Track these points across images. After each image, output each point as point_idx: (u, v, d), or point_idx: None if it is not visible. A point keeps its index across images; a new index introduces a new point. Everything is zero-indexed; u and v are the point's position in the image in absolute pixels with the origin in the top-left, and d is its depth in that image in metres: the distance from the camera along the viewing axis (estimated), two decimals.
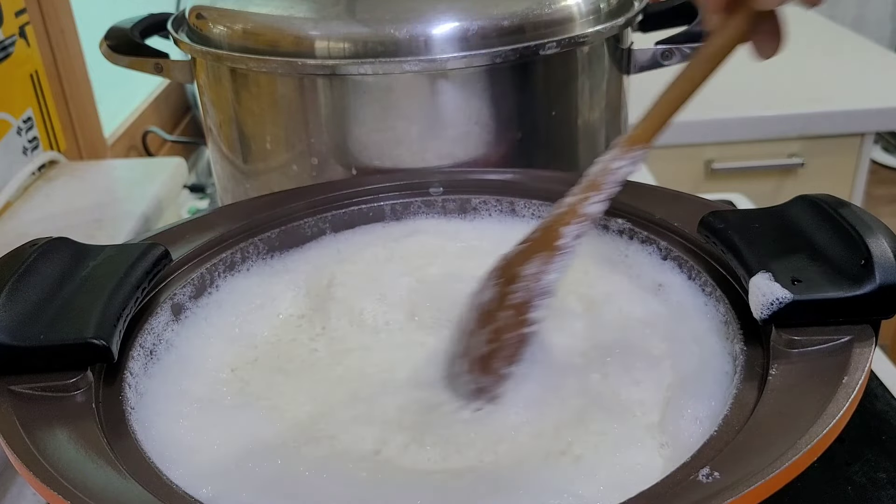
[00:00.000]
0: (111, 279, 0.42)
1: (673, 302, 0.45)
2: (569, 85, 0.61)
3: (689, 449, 0.33)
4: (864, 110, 1.33)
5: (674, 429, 0.37)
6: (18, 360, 0.37)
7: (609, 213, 0.51)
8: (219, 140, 0.65)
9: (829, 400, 0.33)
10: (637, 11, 0.63)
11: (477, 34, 0.55)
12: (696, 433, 0.36)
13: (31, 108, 0.84)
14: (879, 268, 0.36)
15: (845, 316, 0.36)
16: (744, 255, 0.40)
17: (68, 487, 0.31)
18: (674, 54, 0.64)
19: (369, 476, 0.36)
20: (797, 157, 1.35)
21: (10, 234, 0.73)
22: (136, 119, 1.16)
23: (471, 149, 0.59)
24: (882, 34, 2.93)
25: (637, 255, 0.49)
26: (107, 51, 0.68)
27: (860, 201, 1.39)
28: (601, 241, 0.51)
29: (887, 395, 0.57)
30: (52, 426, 0.35)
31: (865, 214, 0.40)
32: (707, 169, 1.34)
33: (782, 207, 0.43)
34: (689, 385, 0.39)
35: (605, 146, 0.66)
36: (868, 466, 0.50)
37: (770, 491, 0.30)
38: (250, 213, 0.53)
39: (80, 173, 0.86)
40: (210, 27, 0.60)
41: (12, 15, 0.82)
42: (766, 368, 0.36)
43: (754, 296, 0.38)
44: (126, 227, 0.75)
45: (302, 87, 0.58)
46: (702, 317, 0.44)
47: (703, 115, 1.31)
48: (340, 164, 0.59)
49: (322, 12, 0.57)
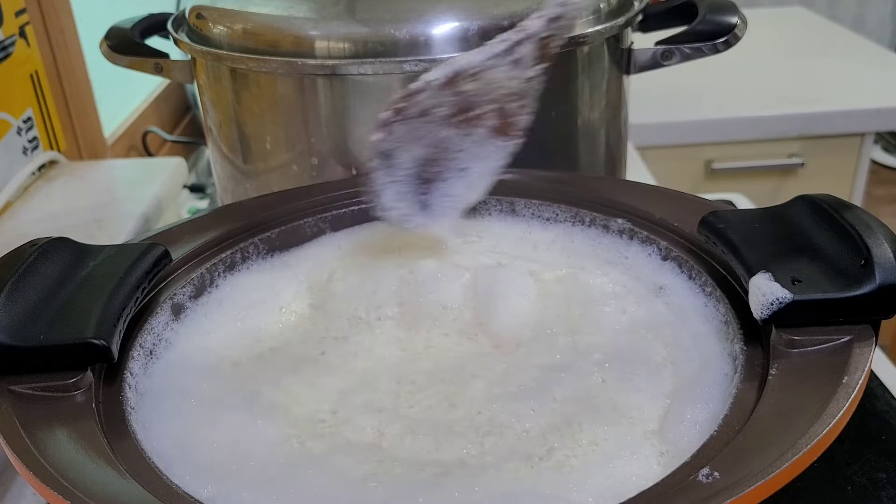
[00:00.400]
0: (111, 279, 0.42)
1: (674, 304, 0.45)
2: (569, 85, 0.61)
3: (688, 451, 0.33)
4: (864, 110, 1.34)
5: (673, 435, 0.36)
6: (18, 360, 0.37)
7: (609, 213, 0.51)
8: (219, 140, 0.65)
9: (829, 400, 0.33)
10: (637, 11, 0.63)
11: (477, 34, 0.55)
12: (695, 437, 0.36)
13: (31, 108, 0.84)
14: (879, 268, 0.36)
15: (845, 316, 0.36)
16: (744, 255, 0.40)
17: (68, 487, 0.31)
18: (674, 54, 0.64)
19: (371, 470, 0.36)
20: (797, 157, 1.35)
21: (10, 234, 0.73)
22: (136, 119, 1.16)
23: None
24: (882, 34, 2.94)
25: (637, 257, 0.49)
26: (107, 51, 0.68)
27: (860, 201, 1.39)
28: (601, 242, 0.51)
29: (887, 395, 0.57)
30: (52, 426, 0.35)
31: (865, 214, 0.40)
32: (707, 169, 1.34)
33: (782, 207, 0.43)
34: (690, 388, 0.39)
35: (606, 146, 0.66)
36: (868, 466, 0.50)
37: (770, 491, 0.30)
38: (250, 213, 0.53)
39: (80, 173, 0.86)
40: (210, 27, 0.60)
41: (12, 15, 0.82)
42: (766, 368, 0.36)
43: (754, 296, 0.38)
44: (126, 227, 0.75)
45: (302, 87, 0.58)
46: (702, 318, 0.44)
47: (703, 115, 1.31)
48: (340, 164, 0.59)
49: (322, 12, 0.57)
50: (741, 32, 0.64)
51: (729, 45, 0.64)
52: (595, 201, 0.52)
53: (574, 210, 0.52)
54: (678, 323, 0.44)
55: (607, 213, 0.51)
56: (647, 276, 0.48)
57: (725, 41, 0.64)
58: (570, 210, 0.52)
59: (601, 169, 0.66)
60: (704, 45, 0.63)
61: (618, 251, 0.50)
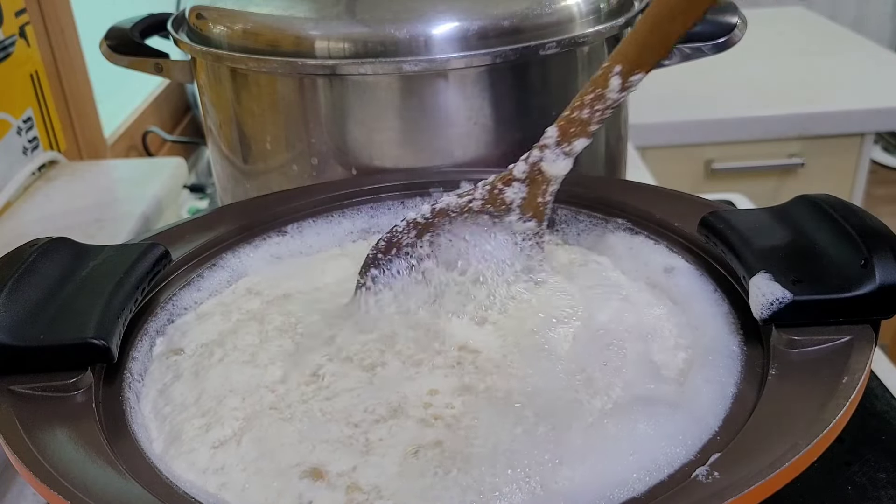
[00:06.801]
0: (111, 279, 0.42)
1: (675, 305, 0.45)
2: (569, 85, 0.61)
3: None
4: (864, 110, 1.34)
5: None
6: (18, 360, 0.37)
7: (609, 213, 0.51)
8: (219, 140, 0.65)
9: (829, 400, 0.33)
10: (637, 11, 0.63)
11: (477, 34, 0.55)
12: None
13: (31, 108, 0.84)
14: (879, 268, 0.36)
15: (845, 316, 0.36)
16: (744, 255, 0.40)
17: (68, 487, 0.31)
18: (674, 54, 0.64)
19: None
20: (797, 157, 1.35)
21: (10, 234, 0.73)
22: (136, 119, 1.16)
23: (471, 149, 0.59)
24: (882, 34, 2.93)
25: (639, 254, 0.49)
26: (107, 51, 0.68)
27: (860, 201, 1.39)
28: (600, 241, 0.51)
29: (887, 395, 0.57)
30: (52, 426, 0.35)
31: (865, 214, 0.40)
32: (707, 169, 1.34)
33: (782, 207, 0.43)
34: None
35: (605, 146, 0.66)
36: (868, 466, 0.50)
37: (770, 491, 0.30)
38: (250, 213, 0.53)
39: (80, 173, 0.86)
40: (210, 27, 0.60)
41: (12, 15, 0.82)
42: (766, 368, 0.36)
43: (754, 296, 0.38)
44: (126, 227, 0.75)
45: (302, 87, 0.58)
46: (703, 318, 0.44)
47: (703, 115, 1.31)
48: (340, 164, 0.59)
49: (322, 12, 0.57)
50: (741, 32, 0.64)
51: (729, 45, 0.64)
52: (595, 201, 0.52)
53: (574, 210, 0.52)
54: (679, 323, 0.44)
55: (607, 213, 0.51)
56: (648, 277, 0.48)
57: (725, 41, 0.63)
58: (571, 210, 0.52)
59: (601, 169, 0.66)
60: (704, 45, 0.63)
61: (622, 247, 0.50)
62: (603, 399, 0.38)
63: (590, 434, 0.36)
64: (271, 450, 0.37)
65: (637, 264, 0.48)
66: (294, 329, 0.45)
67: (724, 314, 0.42)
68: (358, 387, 0.40)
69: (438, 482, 0.34)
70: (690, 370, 0.40)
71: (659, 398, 0.38)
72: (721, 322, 0.42)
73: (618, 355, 0.41)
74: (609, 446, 0.35)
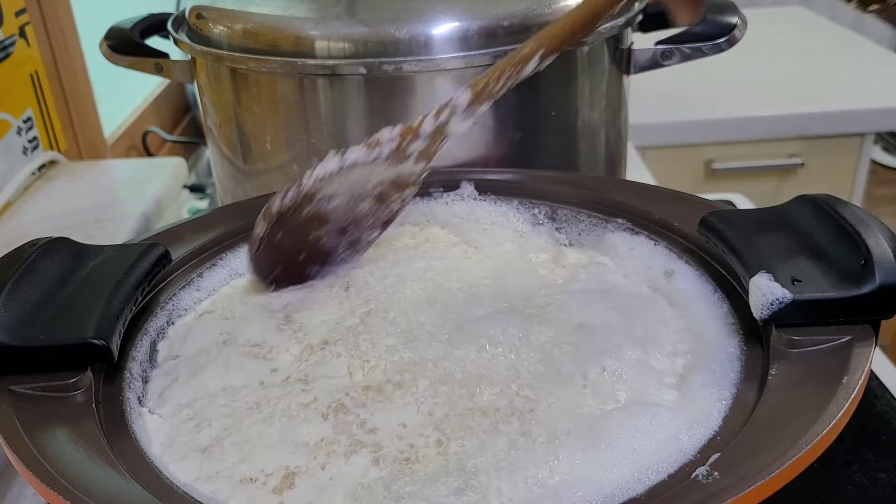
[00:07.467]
0: (111, 279, 0.42)
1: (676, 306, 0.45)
2: (569, 85, 0.61)
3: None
4: (864, 110, 1.33)
5: None
6: (18, 360, 0.37)
7: (609, 213, 0.51)
8: (219, 140, 0.65)
9: (829, 400, 0.33)
10: (637, 11, 0.63)
11: (477, 34, 0.55)
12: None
13: (31, 108, 0.84)
14: (879, 268, 0.36)
15: (845, 316, 0.36)
16: (744, 255, 0.40)
17: (68, 487, 0.31)
18: (674, 54, 0.64)
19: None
20: (797, 157, 1.35)
21: (10, 234, 0.73)
22: (136, 119, 1.16)
23: (471, 149, 0.59)
24: (882, 34, 2.93)
25: (640, 255, 0.49)
26: (107, 51, 0.68)
27: (860, 201, 1.39)
28: (600, 242, 0.51)
29: (887, 395, 0.57)
30: (52, 426, 0.35)
31: (865, 214, 0.40)
32: (707, 169, 1.34)
33: (782, 207, 0.43)
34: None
35: (606, 146, 0.66)
36: (868, 466, 0.50)
37: (770, 491, 0.30)
38: (250, 213, 0.53)
39: (80, 173, 0.86)
40: (210, 27, 0.60)
41: (12, 15, 0.82)
42: (766, 368, 0.36)
43: (754, 296, 0.38)
44: (126, 227, 0.75)
45: (302, 87, 0.58)
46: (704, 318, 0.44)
47: (703, 115, 1.31)
48: None
49: (322, 12, 0.57)
50: (741, 32, 0.64)
51: (729, 45, 0.64)
52: (595, 201, 0.52)
53: (574, 210, 0.52)
54: (680, 323, 0.44)
55: (607, 213, 0.51)
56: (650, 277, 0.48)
57: (725, 41, 0.64)
58: (571, 210, 0.52)
59: (601, 169, 0.66)
60: (704, 45, 0.63)
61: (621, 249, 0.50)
62: (603, 399, 0.38)
63: (590, 434, 0.36)
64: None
65: (638, 266, 0.48)
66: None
67: (724, 314, 0.42)
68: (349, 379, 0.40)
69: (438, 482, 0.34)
70: (691, 372, 0.40)
71: (659, 399, 0.38)
72: (721, 323, 0.42)
73: (617, 358, 0.41)
74: (609, 446, 0.35)
